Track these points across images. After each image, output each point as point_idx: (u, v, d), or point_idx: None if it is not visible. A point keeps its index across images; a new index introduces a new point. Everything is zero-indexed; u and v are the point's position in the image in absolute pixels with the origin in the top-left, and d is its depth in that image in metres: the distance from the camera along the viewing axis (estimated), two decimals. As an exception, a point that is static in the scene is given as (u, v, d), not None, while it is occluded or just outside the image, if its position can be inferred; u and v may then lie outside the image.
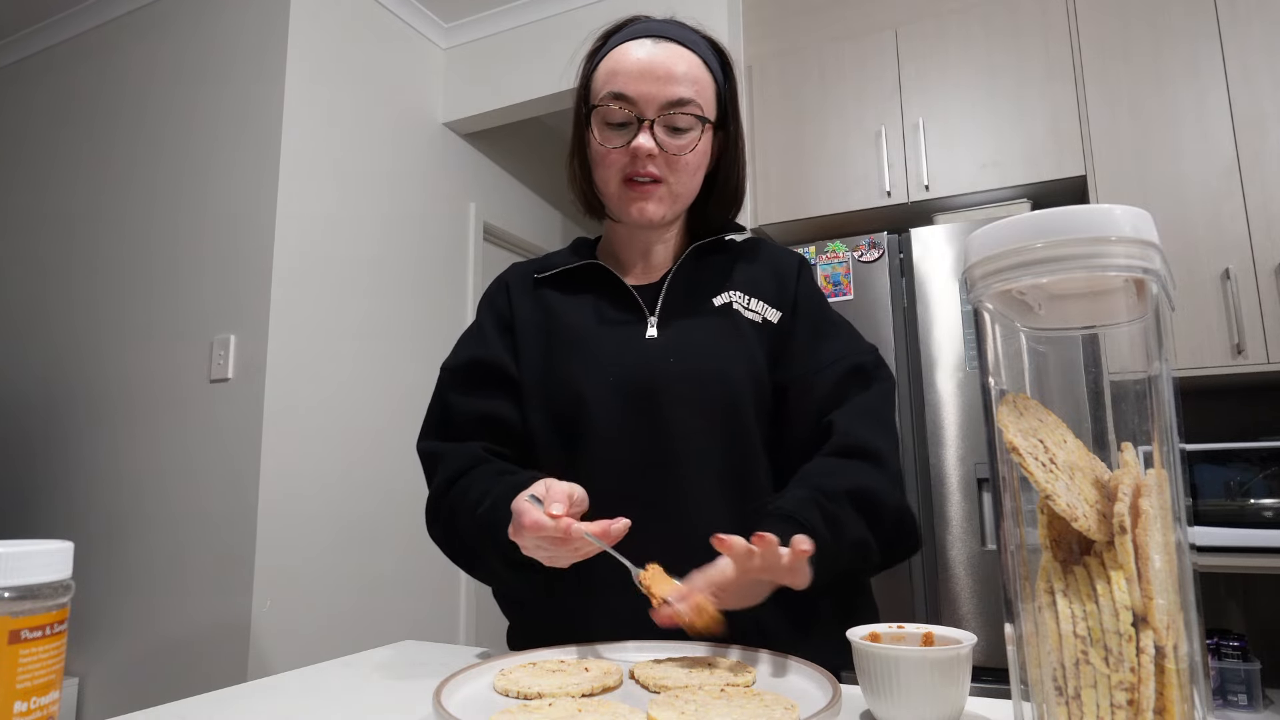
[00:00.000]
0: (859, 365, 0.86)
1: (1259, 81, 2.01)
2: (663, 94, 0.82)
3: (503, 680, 0.60)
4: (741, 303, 0.89)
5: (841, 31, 2.59)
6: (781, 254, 0.95)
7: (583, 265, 0.92)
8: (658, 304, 0.89)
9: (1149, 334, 0.43)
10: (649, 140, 0.82)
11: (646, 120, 0.82)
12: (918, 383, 2.08)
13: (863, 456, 0.79)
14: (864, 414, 0.83)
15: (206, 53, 2.51)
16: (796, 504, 0.72)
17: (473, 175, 3.14)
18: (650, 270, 0.93)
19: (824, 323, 0.90)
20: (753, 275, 0.92)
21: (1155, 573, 0.40)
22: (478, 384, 0.89)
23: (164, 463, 2.29)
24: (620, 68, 0.83)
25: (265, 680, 0.71)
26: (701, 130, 0.84)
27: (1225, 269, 1.97)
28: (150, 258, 2.47)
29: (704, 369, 0.84)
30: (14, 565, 0.36)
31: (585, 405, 0.84)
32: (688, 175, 0.86)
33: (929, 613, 1.98)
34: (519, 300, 0.93)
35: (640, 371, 0.84)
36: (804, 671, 0.62)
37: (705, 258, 0.93)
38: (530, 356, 0.89)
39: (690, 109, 0.83)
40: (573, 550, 0.68)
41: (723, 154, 0.91)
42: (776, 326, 0.89)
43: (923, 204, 2.38)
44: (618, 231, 0.94)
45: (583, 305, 0.90)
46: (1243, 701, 1.75)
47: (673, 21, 0.88)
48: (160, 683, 2.16)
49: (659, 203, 0.85)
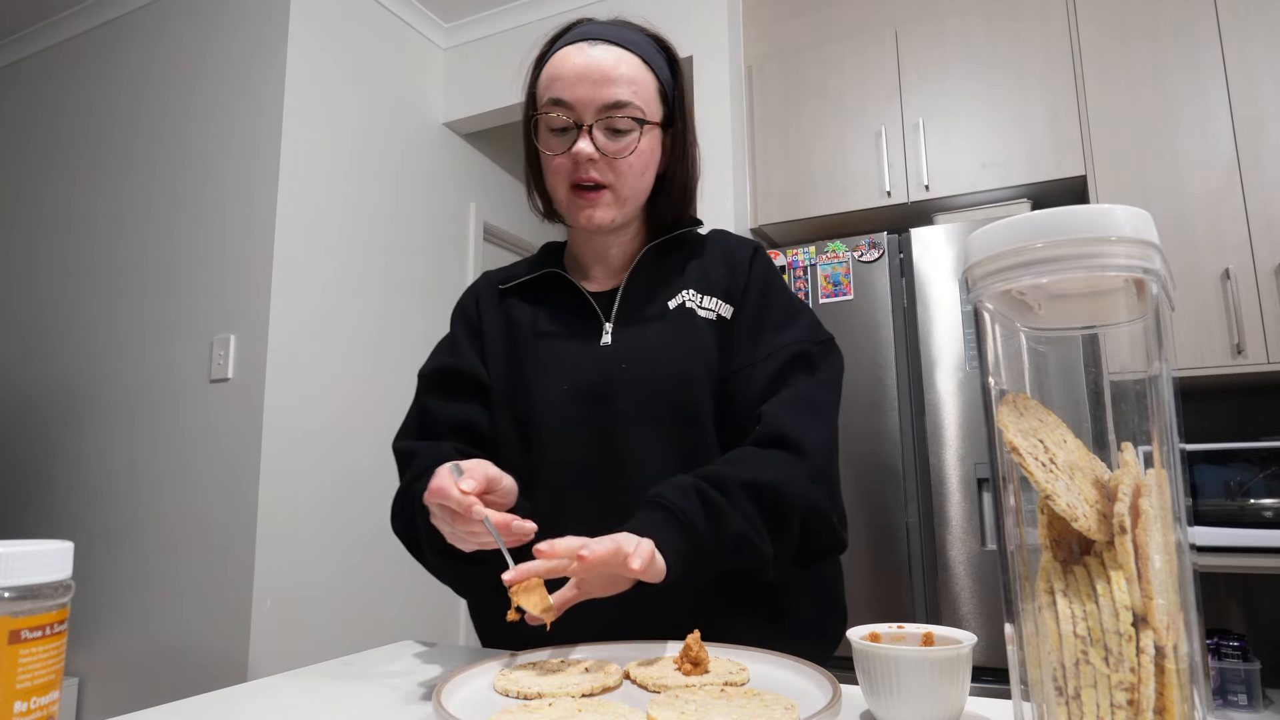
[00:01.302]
0: (802, 353, 0.84)
1: (1259, 81, 2.01)
2: (599, 97, 0.81)
3: (503, 680, 0.60)
4: (695, 301, 0.88)
5: (841, 31, 2.59)
6: (736, 245, 0.94)
7: (544, 274, 0.93)
8: (613, 310, 0.89)
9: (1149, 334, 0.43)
10: (588, 145, 0.82)
11: (585, 125, 0.82)
12: (918, 383, 2.08)
13: (782, 447, 0.76)
14: (794, 402, 0.80)
15: (206, 53, 2.51)
16: (677, 492, 0.71)
17: (473, 175, 3.14)
18: (610, 272, 0.93)
19: (773, 311, 0.88)
20: (706, 271, 0.90)
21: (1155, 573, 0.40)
22: (451, 391, 0.90)
23: (164, 462, 2.29)
24: (559, 73, 0.83)
25: (265, 680, 0.71)
26: (641, 132, 0.84)
27: (1225, 269, 1.97)
28: (150, 258, 2.47)
29: (656, 374, 0.84)
30: (14, 565, 0.36)
31: (541, 413, 0.85)
32: (633, 177, 0.85)
33: (929, 613, 1.98)
34: (486, 310, 0.94)
35: (593, 379, 0.84)
36: (804, 671, 0.62)
37: (662, 257, 0.92)
38: (496, 365, 0.90)
39: (628, 111, 0.82)
40: (470, 533, 0.67)
41: (671, 152, 0.90)
42: (729, 322, 0.88)
43: (923, 204, 2.38)
44: (575, 236, 0.95)
45: (543, 315, 0.91)
46: (1243, 701, 1.75)
47: (616, 22, 0.88)
48: (160, 683, 2.16)
49: (606, 208, 0.85)
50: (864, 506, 2.07)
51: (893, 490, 2.05)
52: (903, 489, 2.04)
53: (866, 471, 2.08)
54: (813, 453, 0.77)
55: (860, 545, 2.06)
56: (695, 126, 0.92)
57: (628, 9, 1.12)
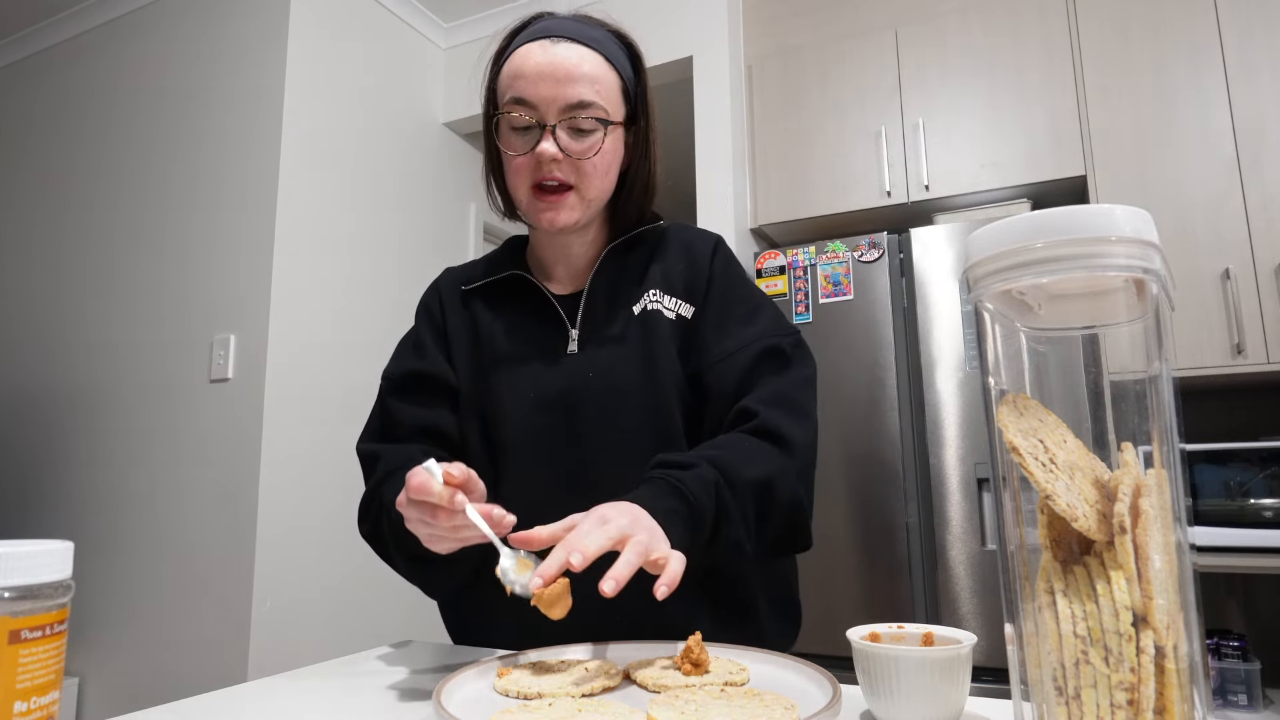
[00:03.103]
0: (774, 348, 0.83)
1: (1259, 81, 2.01)
2: (562, 96, 0.80)
3: (503, 680, 0.60)
4: (659, 302, 0.87)
5: (841, 31, 2.59)
6: (696, 240, 0.92)
7: (507, 276, 0.91)
8: (578, 316, 0.87)
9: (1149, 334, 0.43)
10: (551, 145, 0.80)
11: (548, 125, 0.80)
12: (918, 383, 2.08)
13: (773, 442, 0.77)
14: (780, 399, 0.80)
15: (206, 53, 2.51)
16: (700, 486, 0.70)
17: (473, 175, 3.14)
18: (572, 273, 0.92)
19: (737, 305, 0.87)
20: (667, 269, 0.89)
21: (1155, 573, 0.40)
22: (417, 394, 0.88)
23: (164, 462, 2.29)
24: (520, 70, 0.81)
25: (265, 680, 0.71)
26: (605, 131, 0.82)
27: (1225, 269, 1.97)
28: (150, 257, 2.47)
29: (623, 385, 0.83)
30: (14, 565, 0.36)
31: (507, 423, 0.84)
32: (598, 178, 0.84)
33: (929, 613, 1.98)
34: (450, 310, 0.92)
35: (560, 388, 0.84)
36: (804, 671, 0.62)
37: (623, 256, 0.91)
38: (462, 368, 0.89)
39: (592, 111, 0.81)
40: (452, 529, 0.64)
41: (634, 150, 0.88)
42: (690, 321, 0.87)
43: (923, 204, 2.38)
44: (537, 236, 0.93)
45: (506, 319, 0.89)
46: (1243, 701, 1.75)
47: (578, 18, 0.86)
48: (160, 683, 2.16)
49: (570, 210, 0.83)
50: (864, 506, 2.07)
51: (893, 490, 2.05)
52: (903, 489, 2.04)
53: (866, 471, 2.08)
54: (799, 451, 0.78)
55: (860, 545, 2.06)
56: (657, 123, 0.90)
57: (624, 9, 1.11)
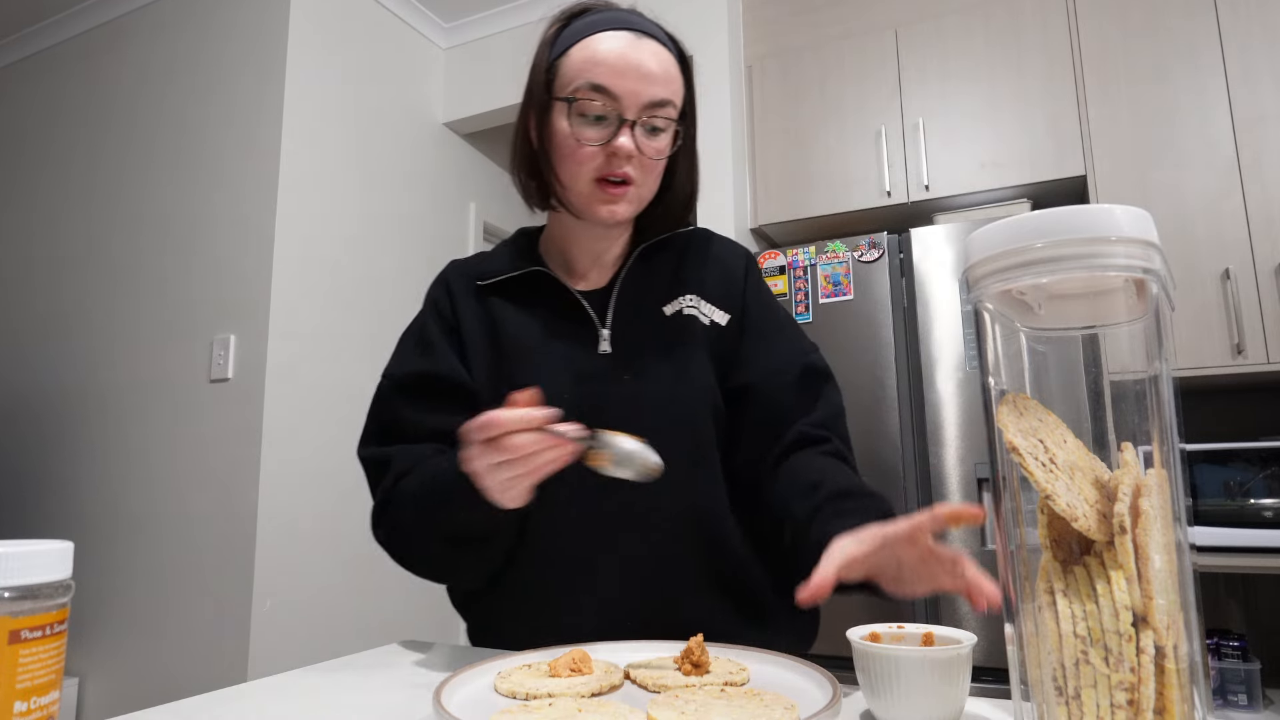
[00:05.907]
0: (812, 366, 0.86)
1: (1259, 81, 2.01)
2: (646, 93, 0.78)
3: (503, 680, 0.60)
4: (694, 307, 0.86)
5: (841, 31, 2.59)
6: (729, 252, 0.92)
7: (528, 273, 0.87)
8: (608, 314, 0.85)
9: (1149, 334, 0.43)
10: (630, 141, 0.77)
11: (628, 120, 0.78)
12: (918, 383, 2.08)
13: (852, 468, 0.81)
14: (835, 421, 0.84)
15: (206, 53, 2.51)
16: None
17: (473, 175, 3.14)
18: (599, 269, 0.89)
19: (772, 322, 0.88)
20: (702, 276, 0.88)
21: (1155, 573, 0.40)
22: (425, 396, 0.83)
23: (164, 462, 2.29)
24: (599, 58, 0.78)
25: (265, 680, 0.71)
26: (675, 133, 0.82)
27: (1225, 269, 1.97)
28: (150, 258, 2.47)
29: (660, 388, 0.82)
30: (14, 565, 0.36)
31: None
32: (655, 177, 0.83)
33: (929, 613, 1.98)
34: (462, 304, 0.88)
35: (594, 391, 0.81)
36: (804, 671, 0.62)
37: (652, 258, 0.89)
38: (478, 368, 0.84)
39: (668, 111, 0.80)
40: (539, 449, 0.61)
41: (680, 154, 0.87)
42: (725, 329, 0.86)
43: (923, 204, 2.38)
44: (569, 229, 0.88)
45: (529, 316, 0.85)
46: (1243, 701, 1.75)
47: (637, 12, 0.83)
48: (160, 683, 2.16)
49: (629, 204, 0.81)
50: (864, 506, 2.07)
51: (893, 490, 2.05)
52: (903, 489, 2.04)
53: (866, 471, 2.06)
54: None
55: (860, 545, 2.06)
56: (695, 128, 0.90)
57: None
